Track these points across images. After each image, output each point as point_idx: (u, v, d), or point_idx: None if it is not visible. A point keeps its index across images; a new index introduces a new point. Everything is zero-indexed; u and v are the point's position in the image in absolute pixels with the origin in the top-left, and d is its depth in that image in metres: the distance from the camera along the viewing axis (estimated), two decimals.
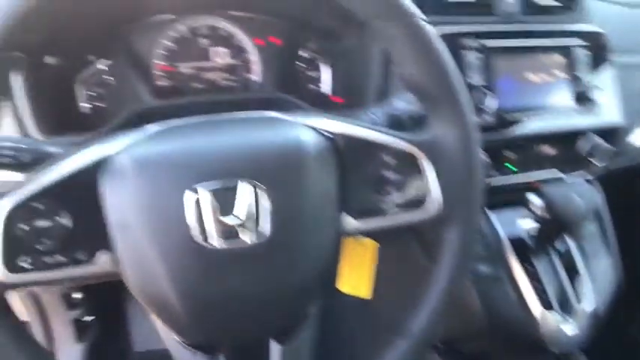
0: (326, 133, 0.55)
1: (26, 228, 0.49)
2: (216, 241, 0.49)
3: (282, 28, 0.91)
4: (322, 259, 0.54)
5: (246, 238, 0.49)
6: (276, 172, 0.51)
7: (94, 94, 0.88)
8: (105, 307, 1.27)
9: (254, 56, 0.92)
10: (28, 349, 0.51)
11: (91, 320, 1.24)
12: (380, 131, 0.55)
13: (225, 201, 0.49)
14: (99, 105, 0.88)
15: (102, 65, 0.87)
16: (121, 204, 0.50)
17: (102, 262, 0.51)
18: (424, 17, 0.53)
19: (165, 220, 0.49)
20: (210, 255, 0.49)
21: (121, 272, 0.51)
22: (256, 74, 0.93)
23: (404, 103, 0.66)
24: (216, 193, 0.49)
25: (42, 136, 0.75)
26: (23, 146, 0.58)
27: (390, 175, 0.56)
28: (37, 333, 1.16)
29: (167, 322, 0.54)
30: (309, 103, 0.86)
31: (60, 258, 0.50)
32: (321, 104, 0.93)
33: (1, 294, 0.50)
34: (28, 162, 0.59)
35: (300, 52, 0.94)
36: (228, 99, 0.87)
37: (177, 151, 0.51)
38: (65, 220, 0.50)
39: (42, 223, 0.49)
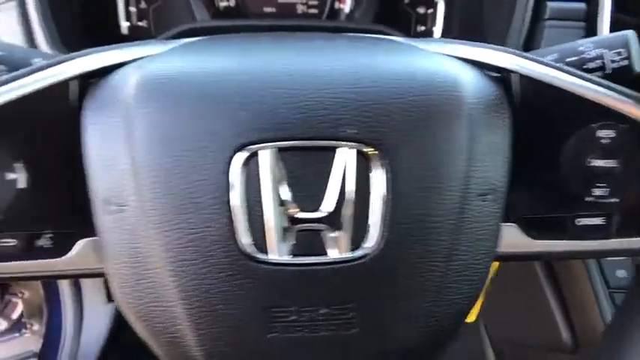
0: (494, 74, 0.34)
1: None
2: (284, 254, 0.29)
3: None
4: (467, 292, 0.33)
5: (340, 250, 0.30)
6: (414, 130, 0.30)
7: (137, 10, 0.71)
8: None
9: None
10: None
11: None
12: (594, 82, 0.33)
13: (308, 181, 0.29)
14: (140, 25, 0.71)
15: None
16: (112, 159, 0.30)
17: (77, 255, 0.33)
18: None
19: (185, 204, 0.29)
20: (270, 279, 0.29)
21: (107, 274, 0.33)
22: (347, 3, 0.75)
23: (596, 46, 0.40)
24: (293, 164, 0.29)
25: (53, 52, 0.56)
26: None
27: (600, 160, 0.34)
28: (66, 291, 1.07)
29: None
30: None
31: (7, 241, 0.32)
32: None
33: None
34: None
35: None
36: (309, 25, 0.68)
37: (226, 72, 0.30)
38: (18, 177, 0.31)
39: None
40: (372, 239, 0.30)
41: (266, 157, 0.28)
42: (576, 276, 0.67)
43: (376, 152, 0.29)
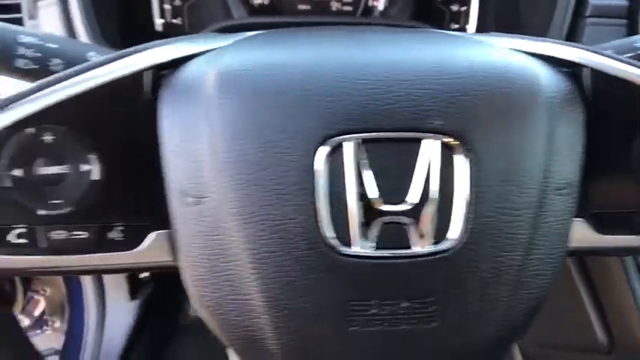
0: (564, 69, 0.34)
1: (19, 175, 0.30)
2: (368, 247, 0.29)
3: None
4: (542, 286, 0.33)
5: (424, 243, 0.29)
6: (497, 123, 0.30)
7: (171, 7, 0.71)
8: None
9: None
10: None
11: (146, 277, 1.12)
12: None
13: (392, 173, 0.29)
14: (174, 23, 0.71)
15: None
16: (191, 150, 0.30)
17: (148, 248, 0.32)
18: None
19: (269, 195, 0.29)
20: (352, 272, 0.29)
21: (179, 267, 0.32)
22: (380, 1, 0.74)
23: None
24: (377, 156, 0.28)
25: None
26: (52, 46, 0.36)
27: None
28: (89, 288, 1.06)
29: None
30: None
31: (78, 233, 0.31)
32: None
33: None
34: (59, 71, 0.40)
35: None
36: (346, 22, 0.68)
37: (307, 64, 0.30)
38: (92, 169, 0.31)
39: (49, 170, 0.30)
40: (456, 232, 0.29)
41: (350, 149, 0.28)
42: (613, 276, 0.65)
43: (460, 144, 0.29)
